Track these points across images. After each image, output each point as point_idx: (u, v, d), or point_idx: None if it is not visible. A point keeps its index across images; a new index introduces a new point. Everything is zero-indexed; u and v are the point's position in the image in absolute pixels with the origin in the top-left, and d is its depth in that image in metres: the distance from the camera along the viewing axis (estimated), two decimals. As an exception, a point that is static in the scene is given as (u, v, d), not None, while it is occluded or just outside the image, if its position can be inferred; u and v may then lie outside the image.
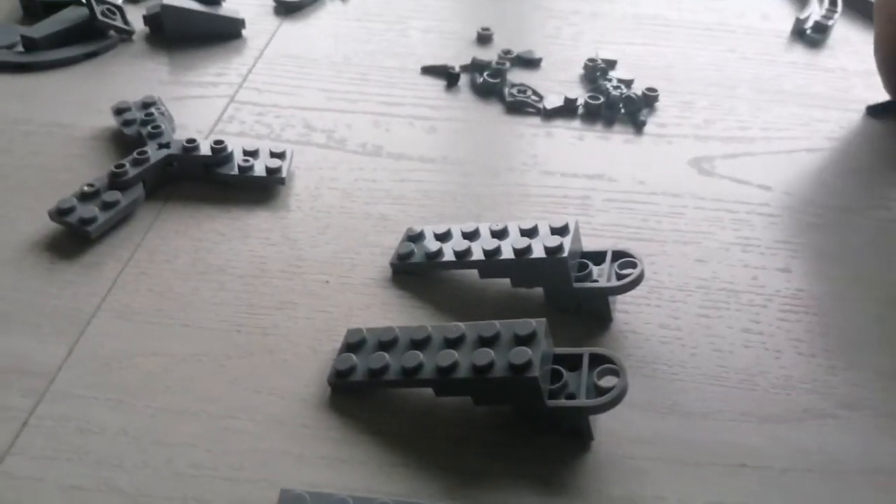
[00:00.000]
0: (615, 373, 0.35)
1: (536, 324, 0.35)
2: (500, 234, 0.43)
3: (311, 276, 0.44)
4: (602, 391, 0.34)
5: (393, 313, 0.42)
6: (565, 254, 0.40)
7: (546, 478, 0.34)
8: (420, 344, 0.37)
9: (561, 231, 0.41)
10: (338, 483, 0.34)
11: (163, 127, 0.51)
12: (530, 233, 0.42)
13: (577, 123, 0.58)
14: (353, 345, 0.38)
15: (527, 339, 0.35)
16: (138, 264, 0.44)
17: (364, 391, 0.37)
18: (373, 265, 0.45)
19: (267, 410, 0.36)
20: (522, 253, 0.41)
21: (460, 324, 0.37)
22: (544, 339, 0.35)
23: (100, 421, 0.36)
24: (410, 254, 0.44)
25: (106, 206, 0.45)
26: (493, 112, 0.59)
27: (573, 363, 0.36)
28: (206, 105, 0.57)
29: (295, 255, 0.45)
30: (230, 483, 0.33)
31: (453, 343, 0.36)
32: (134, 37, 0.66)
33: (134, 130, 0.52)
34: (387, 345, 0.38)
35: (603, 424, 0.36)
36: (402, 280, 0.44)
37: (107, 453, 0.34)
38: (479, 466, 0.35)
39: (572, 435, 0.36)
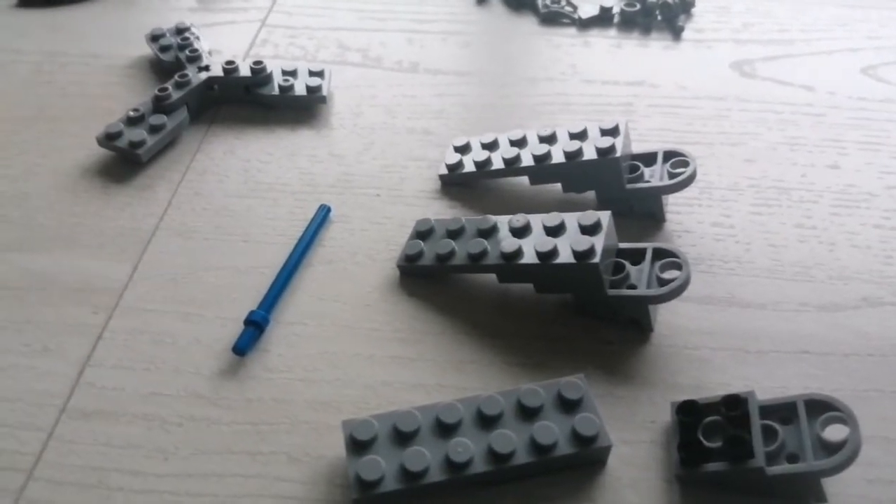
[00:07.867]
0: (678, 266, 0.35)
1: (601, 215, 0.35)
2: (548, 140, 0.42)
3: (360, 191, 0.44)
4: (664, 283, 0.35)
5: (446, 222, 0.42)
6: (618, 153, 0.40)
7: (611, 368, 0.35)
8: (486, 233, 0.38)
9: (611, 132, 0.41)
10: (409, 380, 0.35)
11: (200, 50, 0.51)
12: (580, 136, 0.42)
13: (613, 32, 0.57)
14: (422, 233, 0.40)
15: (590, 229, 0.35)
16: (191, 185, 0.44)
17: (430, 276, 0.39)
18: (421, 177, 0.45)
19: (334, 316, 0.37)
20: (573, 156, 0.40)
21: (526, 215, 0.37)
22: (608, 229, 0.35)
23: (172, 332, 0.37)
24: (459, 164, 0.44)
25: (153, 130, 0.45)
26: (526, 24, 0.58)
27: (636, 257, 0.36)
28: (237, 31, 0.57)
29: (342, 171, 0.45)
30: (305, 383, 0.34)
31: (518, 232, 0.37)
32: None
33: (171, 56, 0.51)
34: (454, 233, 0.39)
35: (663, 319, 0.37)
36: (451, 191, 0.44)
37: (182, 361, 0.35)
38: (544, 359, 0.35)
39: (632, 326, 0.36)
